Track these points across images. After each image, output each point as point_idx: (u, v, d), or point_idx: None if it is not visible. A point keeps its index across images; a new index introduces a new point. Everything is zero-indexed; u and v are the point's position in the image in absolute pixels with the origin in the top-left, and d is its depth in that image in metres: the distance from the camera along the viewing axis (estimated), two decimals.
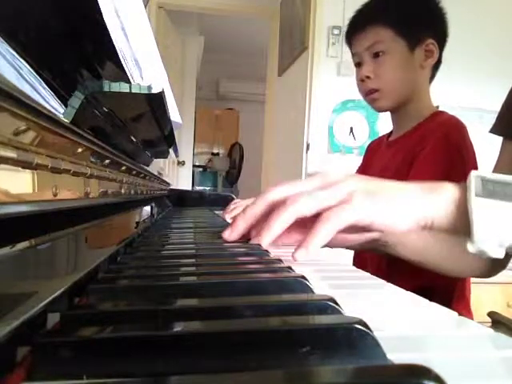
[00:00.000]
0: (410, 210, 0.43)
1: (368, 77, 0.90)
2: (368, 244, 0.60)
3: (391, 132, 1.02)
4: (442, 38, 0.90)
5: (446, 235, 0.45)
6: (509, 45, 2.53)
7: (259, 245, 0.43)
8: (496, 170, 0.70)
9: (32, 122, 0.20)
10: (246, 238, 0.48)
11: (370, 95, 0.91)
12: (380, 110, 0.95)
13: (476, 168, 0.87)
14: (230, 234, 0.47)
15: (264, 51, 3.56)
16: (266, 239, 0.43)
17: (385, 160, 0.97)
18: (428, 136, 0.84)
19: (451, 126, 0.85)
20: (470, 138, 0.84)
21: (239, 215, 0.48)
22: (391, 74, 0.88)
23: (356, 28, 0.92)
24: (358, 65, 0.93)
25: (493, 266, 0.66)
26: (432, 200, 0.44)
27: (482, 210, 0.40)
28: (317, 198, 0.43)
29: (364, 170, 1.08)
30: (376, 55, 0.89)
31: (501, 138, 0.72)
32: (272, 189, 0.47)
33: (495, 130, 0.72)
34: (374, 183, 0.45)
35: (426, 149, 0.83)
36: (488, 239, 0.40)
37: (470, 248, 0.41)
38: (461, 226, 0.42)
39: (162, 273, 0.31)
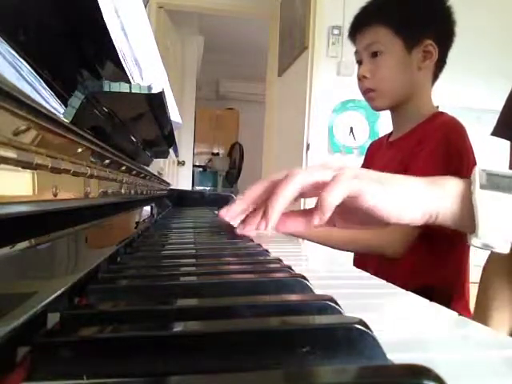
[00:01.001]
0: (415, 202, 0.42)
1: (365, 76, 0.90)
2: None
3: (391, 132, 1.02)
4: (443, 39, 0.89)
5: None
6: (509, 44, 2.53)
7: (259, 245, 0.43)
8: None
9: (32, 122, 0.20)
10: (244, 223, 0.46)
11: (367, 94, 0.92)
12: (377, 109, 0.95)
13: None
14: (226, 212, 0.46)
15: (264, 51, 3.56)
16: (271, 213, 0.41)
17: (385, 160, 0.97)
18: (428, 137, 0.84)
19: (451, 127, 0.85)
20: (469, 140, 0.85)
21: (239, 197, 0.47)
22: (387, 75, 0.89)
23: (357, 26, 0.92)
24: (359, 63, 0.93)
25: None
26: (437, 193, 0.43)
27: (486, 202, 0.39)
28: (320, 171, 0.41)
29: None
30: (374, 55, 0.89)
31: (501, 140, 0.72)
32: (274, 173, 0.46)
33: (497, 132, 0.72)
34: (378, 173, 0.44)
35: (425, 149, 0.83)
36: (493, 233, 0.39)
37: (475, 242, 0.40)
38: (465, 219, 0.41)
39: (161, 273, 0.31)
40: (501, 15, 2.54)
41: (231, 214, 0.46)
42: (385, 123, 2.26)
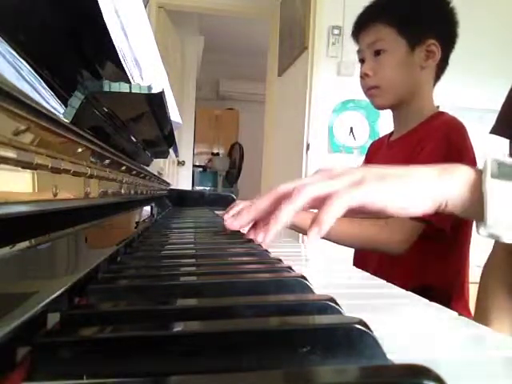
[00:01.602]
0: (425, 191, 0.42)
1: (367, 74, 0.90)
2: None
3: (392, 132, 1.02)
4: (446, 39, 0.89)
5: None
6: (511, 44, 2.53)
7: (259, 245, 0.43)
8: None
9: (32, 122, 0.20)
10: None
11: (370, 91, 0.92)
12: (379, 108, 0.95)
13: None
14: (231, 222, 0.46)
15: (264, 51, 3.56)
16: (275, 224, 0.41)
17: (386, 160, 0.97)
18: (429, 137, 0.84)
19: (452, 127, 0.85)
20: (470, 139, 0.85)
21: (246, 208, 0.47)
22: (389, 73, 0.89)
23: (361, 25, 0.92)
24: (362, 61, 0.93)
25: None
26: (446, 181, 0.43)
27: (496, 192, 0.39)
28: (326, 183, 0.41)
29: None
30: (377, 53, 0.89)
31: (501, 139, 0.72)
32: (281, 184, 0.46)
33: (496, 130, 0.72)
34: (384, 169, 0.44)
35: (426, 149, 0.83)
36: (501, 223, 0.39)
37: (482, 232, 0.40)
38: (474, 208, 0.41)
39: (162, 273, 0.31)
40: (502, 15, 2.54)
41: (235, 225, 0.46)
42: (385, 123, 2.26)
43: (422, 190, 0.42)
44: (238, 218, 0.46)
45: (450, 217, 0.82)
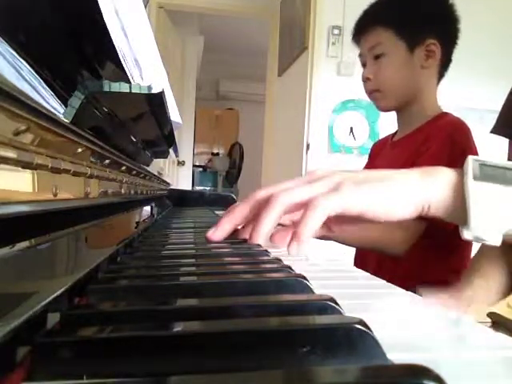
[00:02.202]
0: (406, 195, 0.41)
1: (369, 78, 0.91)
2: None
3: (395, 132, 1.02)
4: (446, 37, 0.89)
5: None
6: (510, 43, 2.53)
7: (259, 245, 0.43)
8: None
9: (32, 122, 0.20)
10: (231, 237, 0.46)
11: (372, 95, 0.92)
12: (383, 110, 0.96)
13: None
14: (213, 233, 0.45)
15: (264, 51, 3.56)
16: (256, 237, 0.42)
17: (388, 160, 0.97)
18: (432, 137, 0.84)
19: (456, 128, 0.85)
20: (473, 140, 0.85)
21: (225, 216, 0.46)
22: (390, 75, 0.89)
23: (360, 29, 0.93)
24: (364, 65, 0.94)
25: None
26: (428, 184, 0.42)
27: (479, 194, 0.38)
28: (302, 189, 0.41)
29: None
30: (377, 57, 0.89)
31: (501, 139, 0.72)
32: (258, 190, 0.46)
33: (497, 130, 0.72)
34: (363, 174, 0.43)
35: (430, 149, 0.83)
36: (485, 225, 0.38)
37: (467, 234, 0.39)
38: (458, 211, 0.41)
39: (161, 273, 0.31)
40: (503, 15, 2.53)
41: (218, 235, 0.45)
42: (385, 123, 2.26)
43: (402, 193, 0.41)
44: (218, 228, 0.45)
45: None
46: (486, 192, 0.39)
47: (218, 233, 0.45)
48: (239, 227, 0.48)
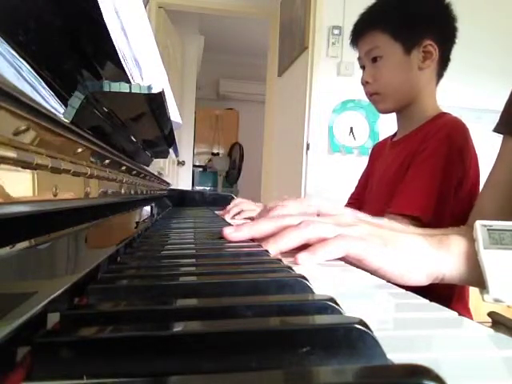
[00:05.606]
0: (419, 264, 0.43)
1: (367, 81, 0.91)
2: None
3: (395, 133, 1.02)
4: (443, 38, 0.89)
5: None
6: (511, 44, 2.52)
7: (259, 245, 0.43)
8: (495, 168, 0.69)
9: (32, 122, 0.20)
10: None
11: (372, 98, 0.93)
12: (383, 112, 0.96)
13: (477, 170, 0.87)
14: (230, 233, 0.46)
15: (264, 51, 3.56)
16: (273, 250, 0.42)
17: (388, 160, 0.98)
18: (430, 136, 0.85)
19: (453, 127, 0.85)
20: (472, 140, 0.85)
21: (248, 224, 0.47)
22: (388, 78, 0.89)
23: (357, 33, 0.94)
24: (363, 68, 0.94)
25: None
26: (442, 254, 0.44)
27: (492, 262, 0.41)
28: (331, 228, 0.42)
29: (368, 172, 1.09)
30: (374, 60, 0.90)
31: (498, 140, 0.72)
32: (284, 208, 0.47)
33: (499, 129, 0.71)
34: (386, 232, 0.45)
35: (427, 148, 0.83)
36: (502, 288, 0.41)
37: (487, 298, 0.42)
38: (473, 277, 0.43)
39: (162, 273, 0.31)
40: (502, 14, 2.53)
41: (237, 238, 0.46)
42: (385, 123, 2.26)
43: (416, 262, 0.43)
44: (238, 230, 0.46)
45: (449, 217, 0.82)
46: (499, 259, 0.42)
47: (235, 234, 0.46)
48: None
